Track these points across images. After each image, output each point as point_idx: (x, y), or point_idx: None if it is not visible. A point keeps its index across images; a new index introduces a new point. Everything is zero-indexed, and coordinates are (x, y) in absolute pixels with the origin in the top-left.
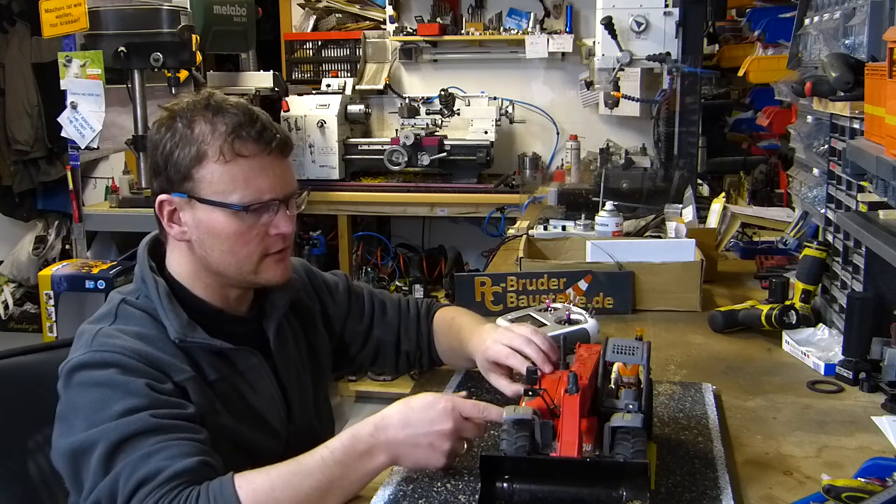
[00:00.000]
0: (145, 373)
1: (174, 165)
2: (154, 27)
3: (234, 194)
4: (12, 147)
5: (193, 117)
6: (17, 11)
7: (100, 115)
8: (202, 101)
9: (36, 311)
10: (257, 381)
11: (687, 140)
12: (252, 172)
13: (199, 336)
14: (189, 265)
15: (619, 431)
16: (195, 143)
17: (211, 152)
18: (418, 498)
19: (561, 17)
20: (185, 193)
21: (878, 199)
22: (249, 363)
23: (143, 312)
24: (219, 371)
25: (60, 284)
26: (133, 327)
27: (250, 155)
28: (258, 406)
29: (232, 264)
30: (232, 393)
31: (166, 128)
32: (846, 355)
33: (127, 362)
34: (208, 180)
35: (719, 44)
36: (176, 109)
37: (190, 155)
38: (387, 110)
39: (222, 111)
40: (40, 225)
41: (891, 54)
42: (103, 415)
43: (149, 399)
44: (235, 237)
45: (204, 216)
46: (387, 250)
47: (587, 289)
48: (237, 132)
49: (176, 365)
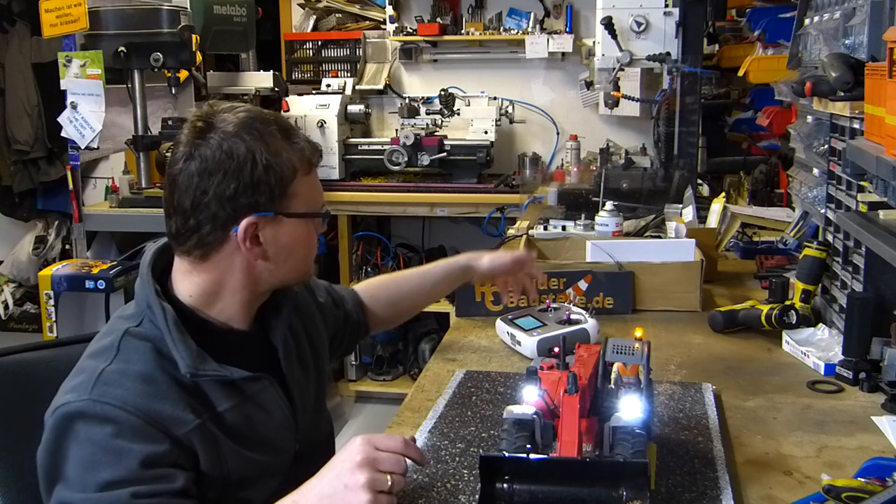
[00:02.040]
0: (143, 434)
1: (266, 185)
2: (154, 27)
3: (318, 203)
4: (12, 147)
5: (265, 138)
6: (17, 11)
7: (100, 115)
8: (247, 118)
9: (36, 311)
10: (268, 403)
11: (687, 140)
12: (317, 182)
13: (209, 368)
14: (209, 286)
15: (619, 431)
16: (286, 162)
17: (301, 168)
18: (418, 498)
19: (561, 17)
20: (273, 211)
21: (878, 199)
22: (260, 386)
23: (149, 343)
24: (229, 400)
25: (60, 284)
26: (137, 367)
27: (313, 167)
28: (269, 429)
29: (302, 272)
30: (243, 420)
31: (226, 154)
32: (846, 355)
33: (125, 420)
34: (301, 195)
35: (719, 44)
36: (230, 130)
37: (284, 171)
38: (387, 110)
39: (279, 124)
40: (40, 225)
41: (891, 54)
42: (90, 480)
43: (137, 474)
44: (308, 245)
45: (289, 230)
46: (387, 250)
47: (587, 289)
48: (305, 147)
49: (179, 416)
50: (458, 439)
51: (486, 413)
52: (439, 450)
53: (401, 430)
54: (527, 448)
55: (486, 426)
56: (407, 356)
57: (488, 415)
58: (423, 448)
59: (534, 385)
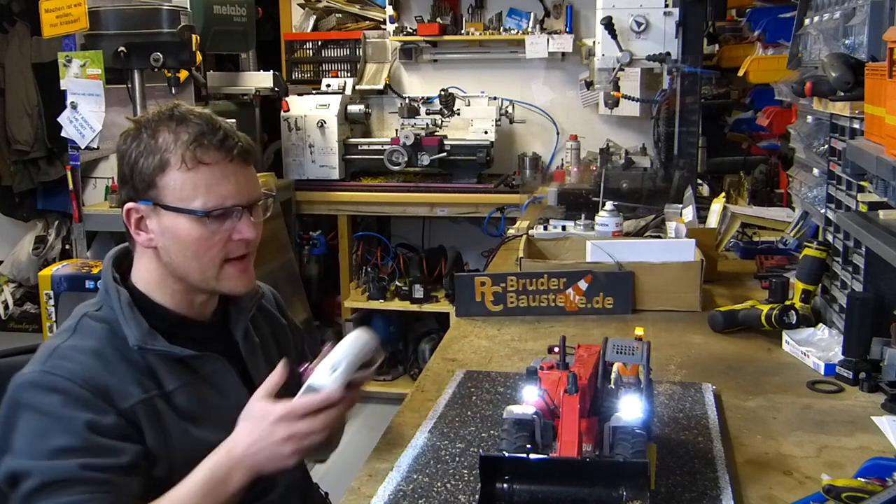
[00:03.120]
0: (90, 405)
1: (139, 174)
2: (154, 27)
3: (196, 200)
4: (12, 147)
5: (157, 127)
6: (17, 11)
7: (100, 115)
8: (166, 111)
9: (36, 311)
10: (223, 384)
11: (687, 140)
12: (214, 179)
13: (158, 344)
14: (155, 272)
15: (619, 431)
16: (158, 152)
17: (174, 160)
18: (418, 498)
19: (561, 17)
20: (150, 201)
21: (878, 199)
22: (213, 367)
23: (104, 324)
24: (180, 379)
25: (60, 284)
26: (90, 342)
27: (212, 162)
28: (226, 407)
29: (196, 269)
30: (194, 399)
31: (132, 138)
32: (846, 355)
33: (72, 390)
34: (171, 187)
35: (719, 44)
36: (141, 121)
37: (153, 163)
38: (387, 110)
39: (185, 121)
40: (40, 225)
41: (891, 54)
42: (40, 447)
43: (86, 442)
44: (199, 242)
45: (168, 223)
46: (387, 250)
47: (587, 289)
48: (199, 140)
49: (125, 389)
50: (458, 439)
51: (486, 413)
52: (439, 450)
53: (401, 430)
54: (527, 448)
55: (486, 426)
56: (407, 356)
57: (488, 415)
58: (424, 447)
59: (534, 385)
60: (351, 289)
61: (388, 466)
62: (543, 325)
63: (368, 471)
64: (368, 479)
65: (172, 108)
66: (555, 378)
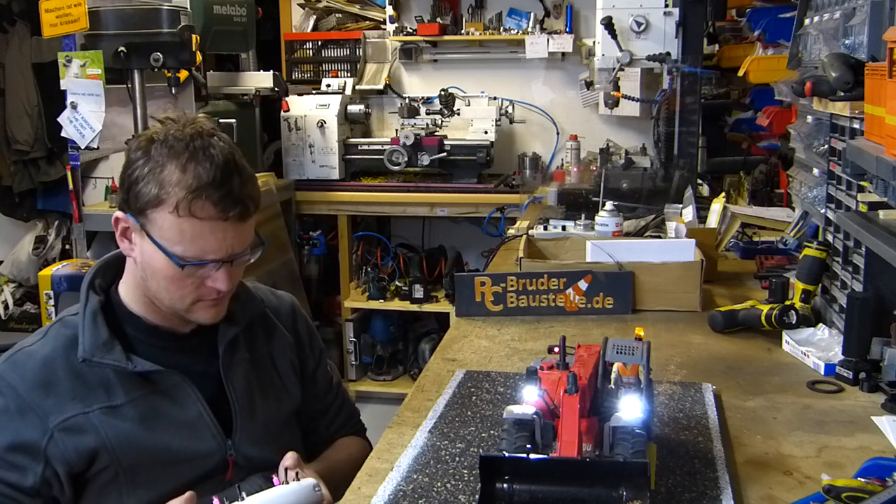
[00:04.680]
0: (20, 414)
1: (135, 195)
2: (154, 27)
3: (177, 246)
4: (12, 147)
5: (169, 156)
6: (17, 11)
7: (100, 115)
8: (188, 135)
9: (36, 311)
10: (180, 397)
11: (687, 140)
12: (201, 233)
13: (110, 357)
14: (132, 282)
15: (619, 431)
16: (158, 186)
17: (169, 202)
18: (418, 498)
19: (561, 17)
20: (139, 223)
21: (878, 199)
22: (172, 381)
23: (72, 331)
24: (135, 391)
25: (60, 284)
26: (45, 350)
27: (205, 218)
28: (183, 419)
29: (165, 299)
30: (148, 411)
31: (143, 152)
32: (846, 355)
33: (10, 398)
34: (159, 225)
35: (719, 44)
36: (158, 138)
37: (150, 194)
38: (387, 110)
39: (198, 159)
40: (40, 225)
41: (891, 54)
42: None
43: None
44: (171, 281)
45: (149, 250)
46: (387, 250)
47: (587, 289)
48: (199, 192)
49: (61, 406)
50: (458, 439)
51: (486, 413)
52: (439, 450)
53: (401, 430)
54: (527, 448)
55: (486, 426)
56: (407, 356)
57: (488, 415)
58: (424, 447)
59: (534, 385)
60: (351, 289)
61: (387, 466)
62: (543, 325)
63: (368, 471)
64: (368, 478)
65: (194, 135)
66: (555, 378)
